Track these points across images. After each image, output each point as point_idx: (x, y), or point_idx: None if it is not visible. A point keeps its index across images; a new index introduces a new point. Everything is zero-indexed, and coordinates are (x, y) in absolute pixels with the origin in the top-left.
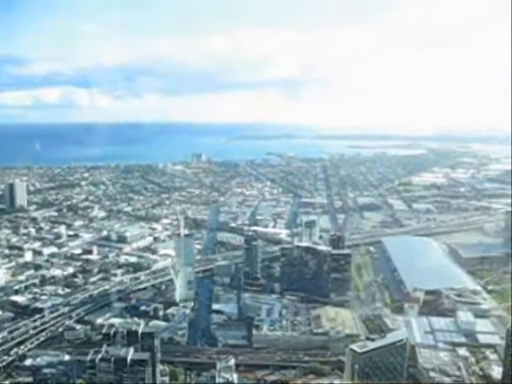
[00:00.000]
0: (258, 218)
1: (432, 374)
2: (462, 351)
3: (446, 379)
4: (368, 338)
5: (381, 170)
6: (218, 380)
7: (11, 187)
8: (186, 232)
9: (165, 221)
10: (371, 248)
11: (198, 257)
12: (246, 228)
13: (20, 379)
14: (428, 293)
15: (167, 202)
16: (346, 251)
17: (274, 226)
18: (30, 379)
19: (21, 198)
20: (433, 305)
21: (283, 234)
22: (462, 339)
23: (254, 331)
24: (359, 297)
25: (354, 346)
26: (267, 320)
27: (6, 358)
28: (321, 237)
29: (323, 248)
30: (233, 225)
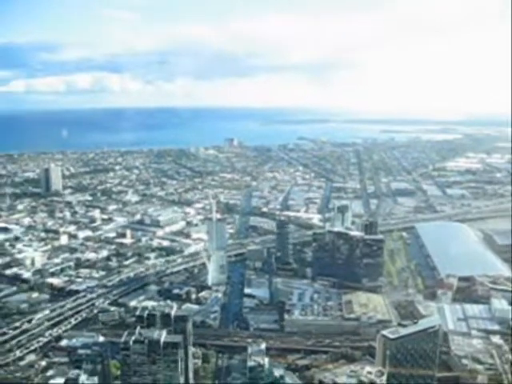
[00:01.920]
0: (290, 202)
1: (464, 361)
2: (496, 339)
3: (479, 367)
4: (400, 324)
5: (415, 155)
6: (249, 363)
7: (47, 172)
8: (219, 216)
9: (197, 205)
10: (404, 234)
11: (230, 241)
12: (278, 213)
13: (56, 359)
14: (461, 279)
15: (200, 187)
16: (379, 237)
17: (306, 211)
18: (65, 359)
19: (56, 183)
20: (466, 291)
21: (315, 218)
22: (496, 327)
23: (286, 316)
24: (392, 282)
25: (385, 332)
26: (299, 305)
27: (42, 338)
28: (353, 222)
29: (356, 233)
30: (265, 209)
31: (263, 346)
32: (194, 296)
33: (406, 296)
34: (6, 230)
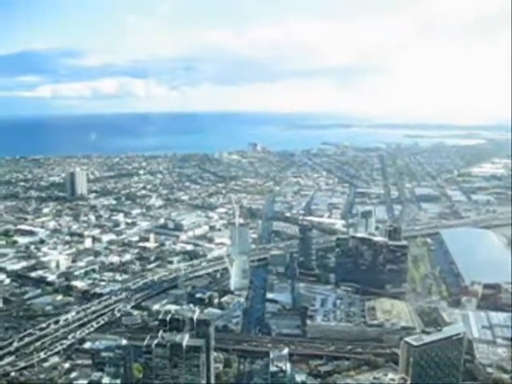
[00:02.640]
0: (314, 207)
1: (489, 369)
2: None
3: (504, 376)
4: (424, 331)
5: (439, 161)
6: (271, 369)
7: (72, 176)
8: (242, 221)
9: (220, 210)
10: (428, 240)
11: (253, 246)
12: (301, 218)
13: (79, 361)
14: (487, 286)
15: (223, 191)
16: (403, 242)
17: (329, 216)
18: (88, 362)
19: (81, 187)
20: (491, 299)
21: (338, 224)
22: None
23: (308, 321)
24: (415, 289)
25: (409, 339)
26: (321, 310)
27: (66, 340)
28: (377, 227)
29: (379, 239)
30: (288, 214)
31: (285, 351)
32: (216, 300)
33: (429, 303)
34: (31, 233)
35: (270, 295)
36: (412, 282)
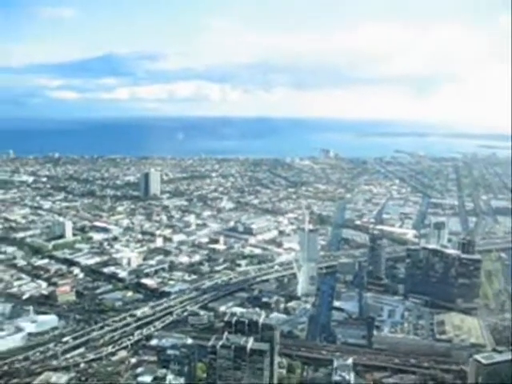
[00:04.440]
0: (385, 216)
1: None
2: None
3: None
4: (495, 350)
5: None
6: (334, 377)
7: (146, 176)
8: (311, 227)
9: (290, 215)
10: (503, 254)
11: (322, 252)
12: (371, 226)
13: (145, 357)
14: None
15: (293, 197)
16: (476, 256)
17: (400, 226)
18: (154, 358)
19: (155, 187)
20: None
21: (410, 234)
22: None
23: (375, 332)
24: (488, 305)
25: (478, 357)
26: (389, 321)
27: (131, 337)
28: (450, 240)
29: (452, 251)
30: (358, 222)
31: (350, 360)
32: (282, 305)
33: (502, 320)
34: (106, 230)
35: (336, 303)
36: (484, 297)
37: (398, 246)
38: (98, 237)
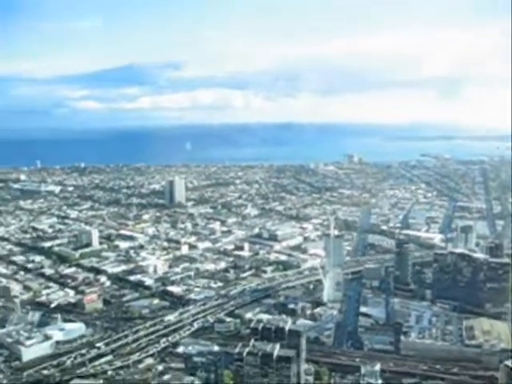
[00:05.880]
0: (411, 221)
1: None
2: None
3: None
4: None
5: None
6: None
7: (171, 184)
8: (336, 233)
9: (315, 221)
10: None
11: (348, 258)
12: (397, 231)
13: (172, 365)
14: None
15: (318, 202)
16: (506, 260)
17: (427, 230)
18: (181, 365)
19: (179, 195)
20: None
21: (437, 238)
22: None
23: (402, 337)
24: None
25: (509, 362)
26: (416, 327)
27: (158, 344)
28: (477, 244)
29: (480, 255)
30: (384, 227)
31: (377, 367)
32: (308, 312)
33: None
34: (131, 238)
35: (363, 309)
36: None
37: (425, 251)
38: (124, 245)
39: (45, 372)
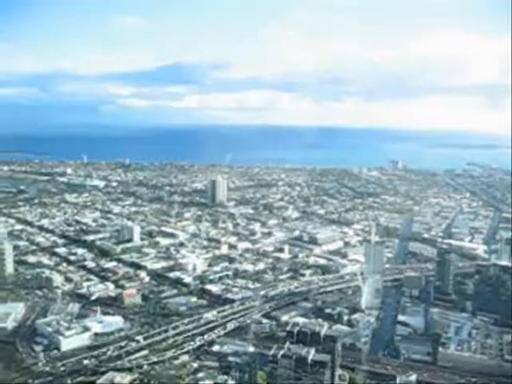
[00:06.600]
0: (454, 230)
1: None
2: None
3: None
4: None
5: None
6: None
7: (213, 184)
8: (377, 239)
9: (356, 226)
10: None
11: (388, 265)
12: (440, 240)
13: (207, 363)
14: None
15: (360, 208)
16: None
17: (470, 241)
18: (215, 364)
19: (221, 194)
20: None
21: (480, 249)
22: None
23: (440, 349)
24: None
25: None
26: (455, 339)
27: (194, 342)
28: None
29: None
30: (426, 236)
31: (413, 377)
32: (345, 317)
33: None
34: (172, 235)
35: (401, 317)
36: None
37: (467, 262)
38: (164, 242)
39: (82, 363)
